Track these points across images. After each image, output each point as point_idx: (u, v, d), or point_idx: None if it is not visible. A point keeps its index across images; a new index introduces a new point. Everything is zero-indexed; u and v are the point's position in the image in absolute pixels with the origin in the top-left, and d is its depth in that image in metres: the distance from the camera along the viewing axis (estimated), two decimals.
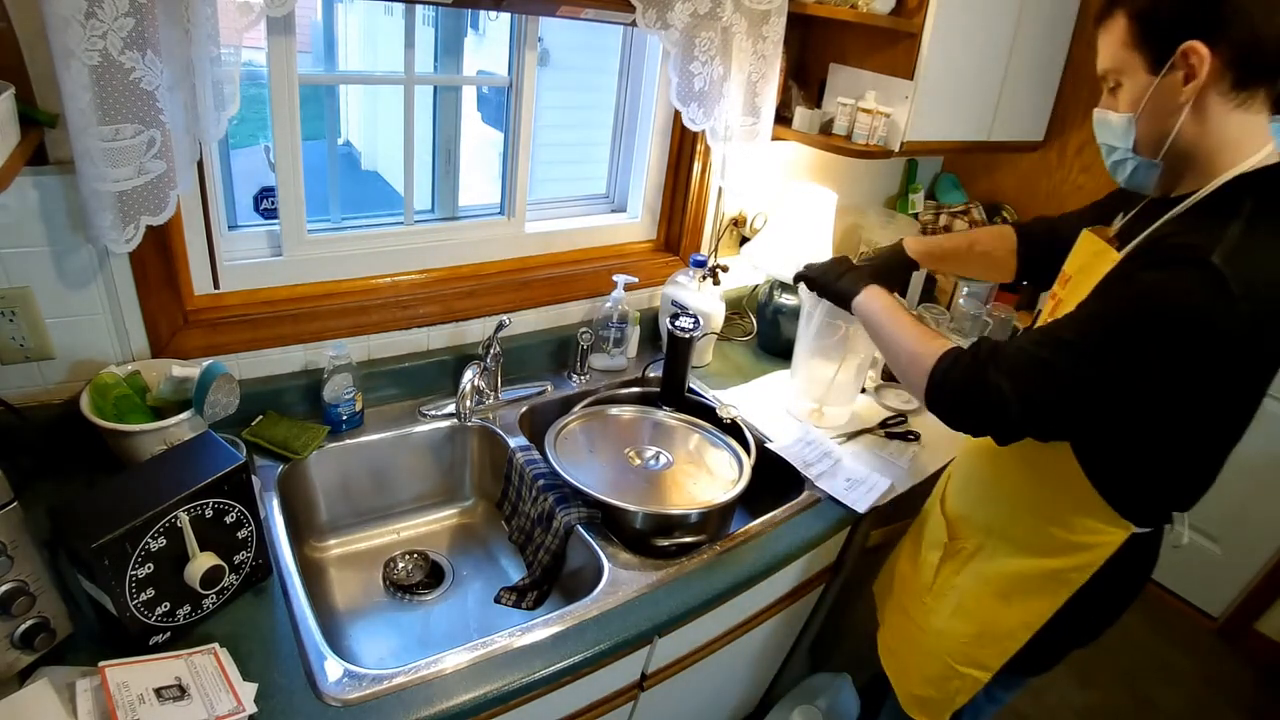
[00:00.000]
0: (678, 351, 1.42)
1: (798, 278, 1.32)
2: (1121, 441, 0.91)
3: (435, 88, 1.48)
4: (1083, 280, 0.92)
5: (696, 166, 1.64)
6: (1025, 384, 0.85)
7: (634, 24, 1.31)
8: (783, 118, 1.66)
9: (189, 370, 1.08)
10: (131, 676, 0.78)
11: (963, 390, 0.90)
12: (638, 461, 1.29)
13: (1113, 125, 0.88)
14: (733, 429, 1.40)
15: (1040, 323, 1.03)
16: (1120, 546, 0.97)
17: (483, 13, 1.45)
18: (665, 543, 1.16)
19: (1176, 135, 0.82)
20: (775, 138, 1.64)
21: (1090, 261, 0.95)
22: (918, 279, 1.44)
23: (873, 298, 1.15)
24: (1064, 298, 0.99)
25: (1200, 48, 0.77)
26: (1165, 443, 0.90)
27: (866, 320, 1.15)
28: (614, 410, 1.41)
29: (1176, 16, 0.79)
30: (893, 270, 1.35)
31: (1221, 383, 0.81)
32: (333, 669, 0.87)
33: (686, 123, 1.47)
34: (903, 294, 1.44)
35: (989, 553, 1.10)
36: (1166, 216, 0.86)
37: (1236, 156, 0.81)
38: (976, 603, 1.11)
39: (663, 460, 1.30)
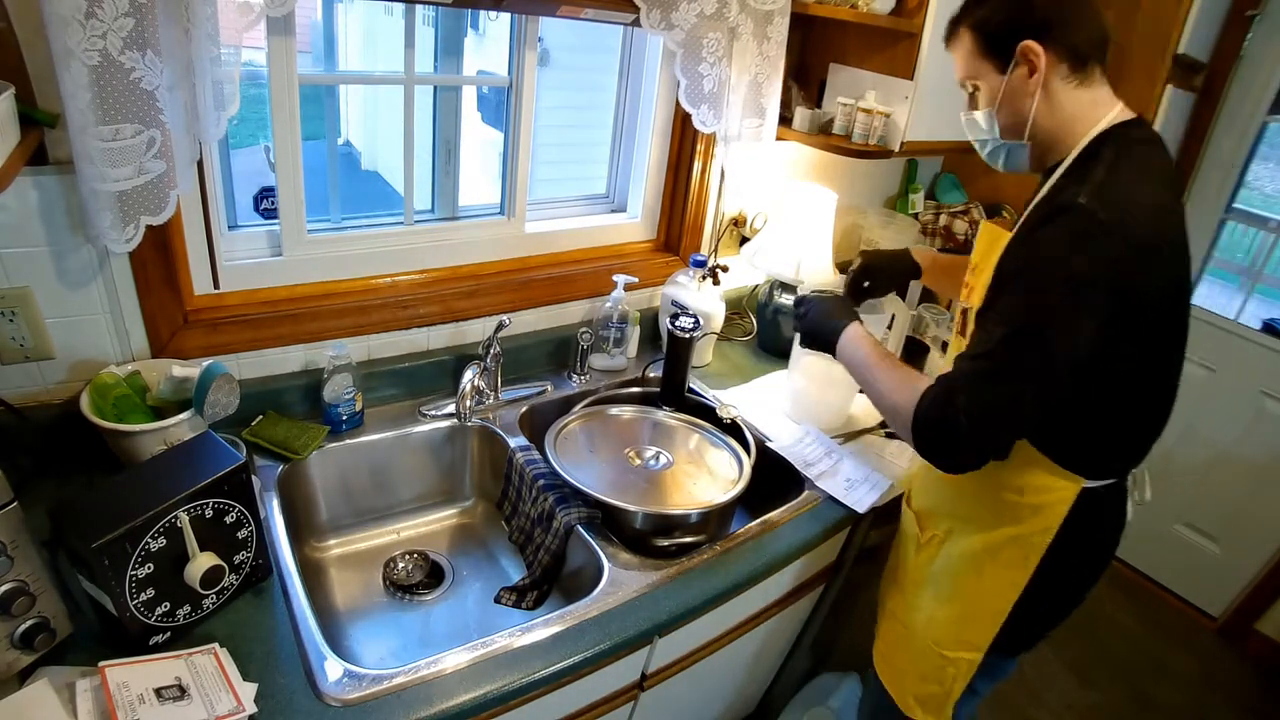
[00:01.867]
0: (678, 351, 1.42)
1: (796, 314, 1.27)
2: (1069, 400, 0.93)
3: (435, 88, 1.48)
4: (986, 265, 0.99)
5: (696, 166, 1.64)
6: (982, 398, 0.88)
7: (636, 24, 1.31)
8: (783, 118, 1.66)
9: (189, 370, 1.08)
10: (131, 676, 0.78)
11: (939, 432, 0.93)
12: (638, 461, 1.29)
13: (978, 122, 1.03)
14: (733, 429, 1.40)
15: (959, 306, 1.11)
16: (1078, 503, 1.00)
17: (483, 13, 1.45)
18: (665, 543, 1.16)
19: (1034, 118, 0.96)
20: (776, 138, 1.64)
21: (989, 248, 1.03)
22: (915, 286, 1.44)
23: (852, 342, 1.12)
24: (973, 284, 1.06)
25: (1034, 46, 0.92)
26: (1099, 390, 0.93)
27: (849, 368, 1.13)
28: (614, 410, 1.41)
29: (1009, 26, 0.94)
30: (893, 272, 1.34)
31: (1131, 313, 0.86)
32: (333, 669, 0.87)
33: (697, 124, 1.47)
34: (902, 296, 1.43)
35: (956, 535, 1.13)
36: (1045, 185, 0.97)
37: (1090, 122, 0.94)
38: (953, 584, 1.13)
39: (663, 460, 1.30)
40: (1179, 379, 1.00)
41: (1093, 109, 0.95)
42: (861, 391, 1.62)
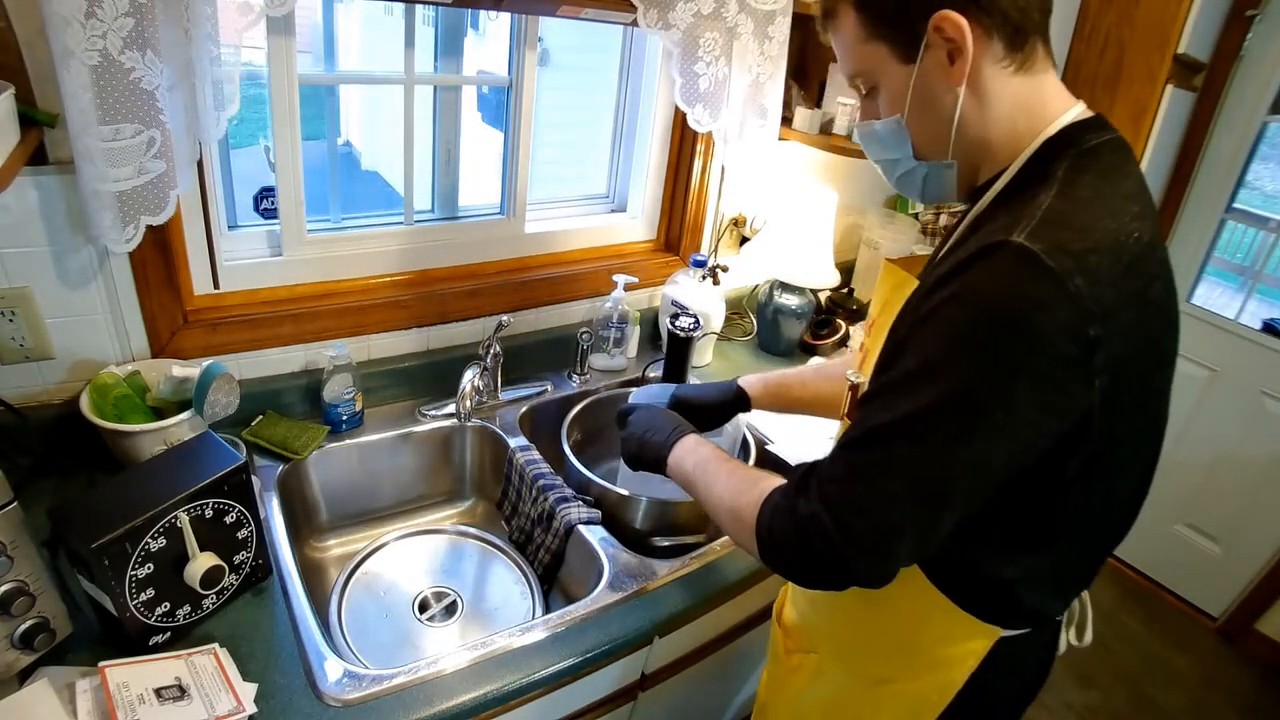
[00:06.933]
0: (678, 351, 1.42)
1: (620, 426, 1.06)
2: (968, 523, 0.66)
3: (435, 88, 1.48)
4: (887, 321, 0.72)
5: (696, 166, 1.64)
6: (846, 501, 0.64)
7: (634, 24, 1.31)
8: (784, 118, 1.66)
9: (189, 370, 1.08)
10: (131, 676, 0.78)
11: (785, 542, 0.69)
12: None
13: (880, 136, 0.73)
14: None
15: (850, 377, 0.84)
16: (992, 655, 0.78)
17: (483, 12, 1.45)
18: (665, 543, 1.16)
19: (961, 124, 0.67)
20: (778, 138, 1.64)
21: (892, 296, 0.79)
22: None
23: (681, 459, 0.91)
24: (870, 346, 0.83)
25: (954, 17, 0.62)
26: (1024, 513, 0.68)
27: (684, 486, 0.92)
28: None
29: None
30: (713, 409, 1.16)
31: (1072, 396, 0.59)
32: (333, 669, 0.87)
33: (692, 124, 1.47)
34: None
35: (829, 670, 0.90)
36: (969, 215, 0.69)
37: (1038, 122, 0.66)
38: None
39: None
40: (1150, 480, 0.74)
41: (1040, 105, 0.67)
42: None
